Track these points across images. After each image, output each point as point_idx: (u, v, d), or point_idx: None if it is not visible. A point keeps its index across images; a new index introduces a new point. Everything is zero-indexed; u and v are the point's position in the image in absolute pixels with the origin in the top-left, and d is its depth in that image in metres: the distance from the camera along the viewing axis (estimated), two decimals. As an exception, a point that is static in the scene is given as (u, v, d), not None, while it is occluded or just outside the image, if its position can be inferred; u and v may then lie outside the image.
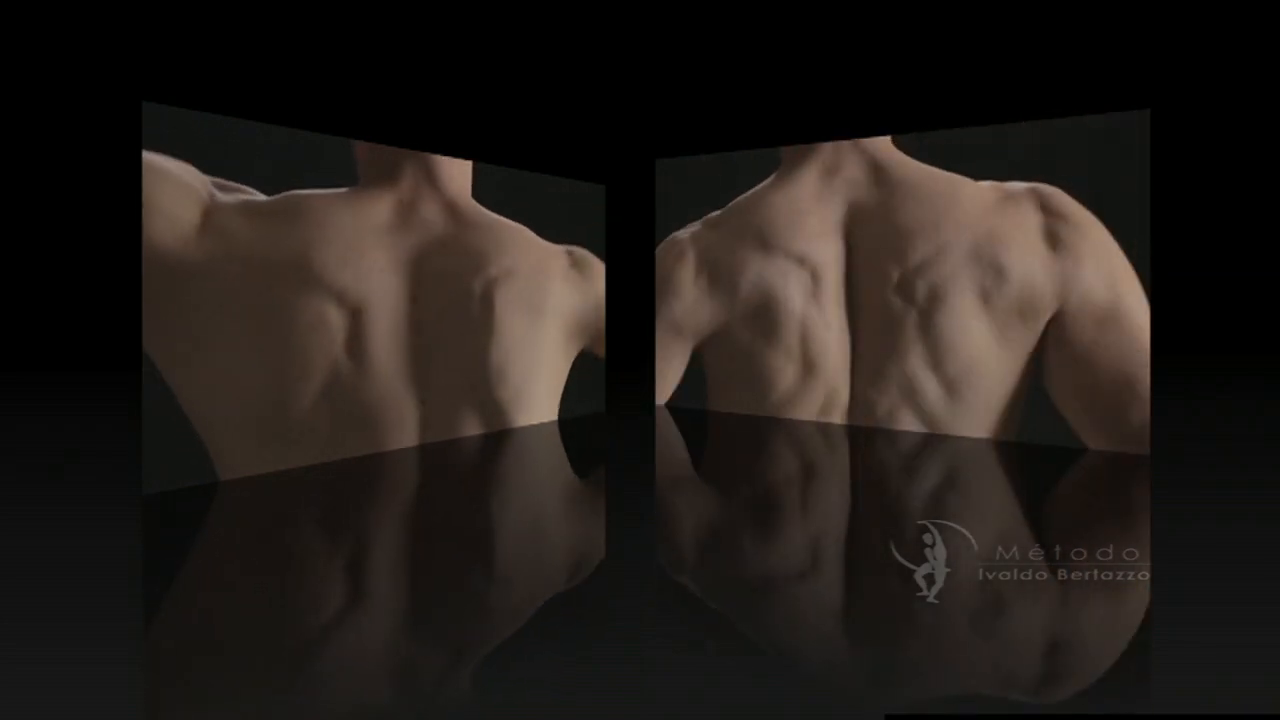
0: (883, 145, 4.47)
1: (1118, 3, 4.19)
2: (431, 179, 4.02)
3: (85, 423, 4.37)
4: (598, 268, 4.84)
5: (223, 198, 3.27)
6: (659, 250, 5.22)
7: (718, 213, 4.99)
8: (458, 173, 4.15)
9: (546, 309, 4.47)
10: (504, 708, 1.61)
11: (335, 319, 3.55)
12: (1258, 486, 3.24)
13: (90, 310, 5.73)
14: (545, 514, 3.10)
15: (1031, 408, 4.09)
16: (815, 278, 4.58)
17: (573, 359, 4.69)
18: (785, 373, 4.69)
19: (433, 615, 2.08)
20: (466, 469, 3.65)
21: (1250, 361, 5.49)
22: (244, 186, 3.36)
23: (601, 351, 4.91)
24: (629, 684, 1.71)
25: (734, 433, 4.51)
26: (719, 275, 4.91)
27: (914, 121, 4.63)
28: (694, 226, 5.06)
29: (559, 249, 4.61)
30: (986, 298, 4.09)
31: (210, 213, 3.21)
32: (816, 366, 4.61)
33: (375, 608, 2.11)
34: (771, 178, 4.82)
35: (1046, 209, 4.02)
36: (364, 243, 3.68)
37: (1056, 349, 3.99)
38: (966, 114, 4.46)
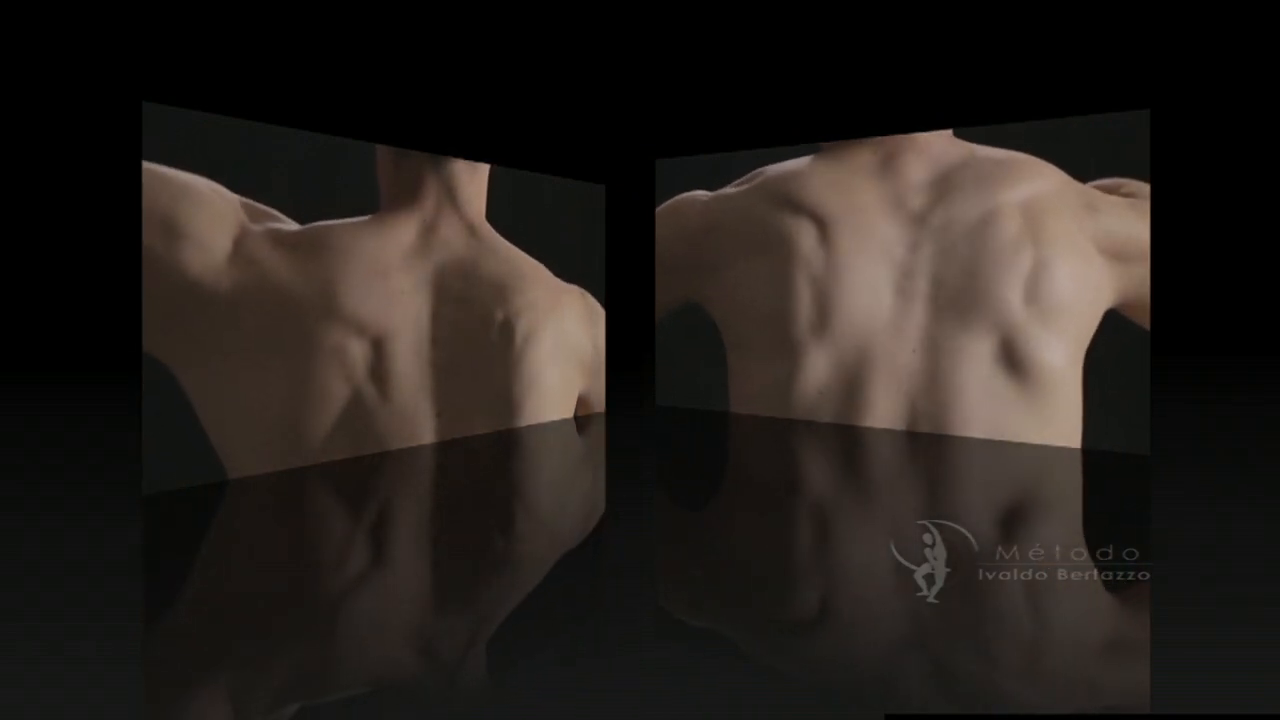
0: None
1: (1118, 3, 4.20)
2: (453, 199, 4.06)
3: (85, 423, 4.37)
4: (601, 315, 4.88)
5: (253, 226, 3.29)
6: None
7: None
8: (475, 194, 4.19)
9: (562, 345, 4.52)
10: (502, 707, 1.61)
11: (357, 350, 3.61)
12: (1258, 486, 3.24)
13: (90, 312, 5.74)
14: (544, 514, 3.10)
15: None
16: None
17: (577, 396, 4.73)
18: None
19: (430, 616, 2.08)
20: (470, 468, 3.65)
21: (1250, 361, 5.49)
22: (271, 210, 3.38)
23: (601, 404, 4.93)
24: (629, 684, 1.71)
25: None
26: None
27: (914, 122, 4.64)
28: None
29: (573, 288, 4.62)
30: None
31: (241, 241, 3.24)
32: None
33: (374, 607, 2.11)
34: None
35: None
36: (387, 272, 3.74)
37: None
38: (966, 114, 4.46)
